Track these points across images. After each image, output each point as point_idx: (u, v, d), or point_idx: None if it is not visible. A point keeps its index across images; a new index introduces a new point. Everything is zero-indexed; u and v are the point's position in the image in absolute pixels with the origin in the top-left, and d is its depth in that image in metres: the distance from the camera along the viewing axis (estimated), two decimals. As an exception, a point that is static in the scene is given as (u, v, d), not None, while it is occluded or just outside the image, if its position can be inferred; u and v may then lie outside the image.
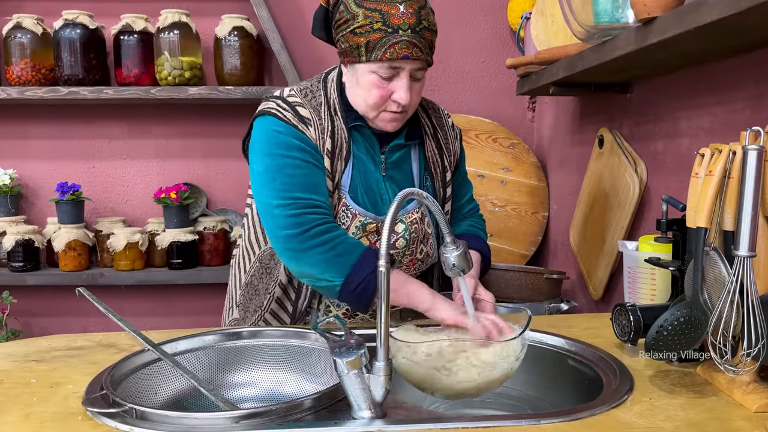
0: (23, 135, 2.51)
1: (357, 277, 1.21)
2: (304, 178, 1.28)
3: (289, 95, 1.34)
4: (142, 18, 2.32)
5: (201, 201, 2.56)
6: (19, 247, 2.34)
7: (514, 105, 2.61)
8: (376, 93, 1.26)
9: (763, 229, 0.95)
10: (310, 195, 1.27)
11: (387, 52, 1.21)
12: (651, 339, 0.99)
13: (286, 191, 1.27)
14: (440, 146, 1.46)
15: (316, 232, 1.24)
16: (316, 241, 1.23)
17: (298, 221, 1.25)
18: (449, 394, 1.05)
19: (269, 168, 1.29)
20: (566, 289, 2.18)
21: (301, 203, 1.26)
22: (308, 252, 1.24)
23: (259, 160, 1.32)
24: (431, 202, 1.03)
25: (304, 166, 1.28)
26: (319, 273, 1.25)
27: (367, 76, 1.26)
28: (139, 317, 2.50)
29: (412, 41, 1.22)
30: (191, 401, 1.14)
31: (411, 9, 1.22)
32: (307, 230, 1.24)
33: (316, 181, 1.29)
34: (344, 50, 1.27)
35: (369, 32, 1.21)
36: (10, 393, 1.01)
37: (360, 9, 1.22)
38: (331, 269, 1.23)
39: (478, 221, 1.58)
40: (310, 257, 1.24)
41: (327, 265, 1.23)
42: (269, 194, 1.28)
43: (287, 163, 1.28)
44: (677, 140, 1.54)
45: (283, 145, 1.29)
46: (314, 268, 1.25)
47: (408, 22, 1.21)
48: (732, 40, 1.16)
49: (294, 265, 1.28)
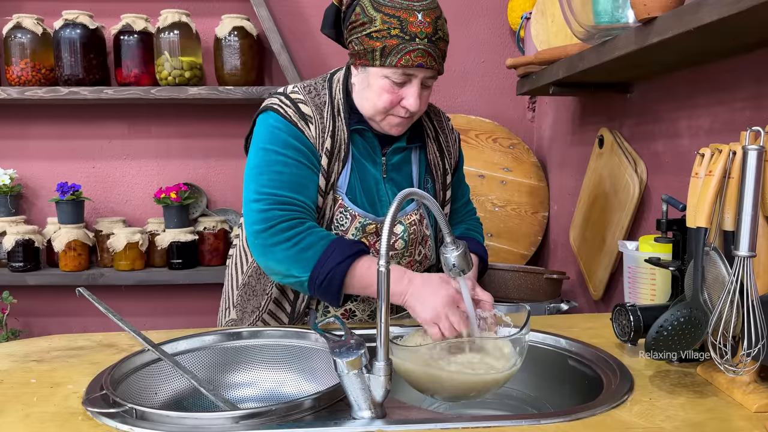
0: (23, 135, 2.51)
1: (321, 271, 1.21)
2: (290, 177, 1.28)
3: (292, 92, 1.35)
4: (142, 18, 2.32)
5: (201, 201, 2.56)
6: (19, 247, 2.34)
7: (514, 105, 2.61)
8: (387, 98, 1.26)
9: (763, 229, 0.95)
10: (289, 193, 1.26)
11: (402, 59, 1.22)
12: (651, 339, 0.99)
13: (266, 187, 1.27)
14: (441, 149, 1.46)
15: (281, 228, 1.24)
16: (280, 237, 1.23)
17: (265, 216, 1.25)
18: (450, 395, 1.05)
19: (260, 162, 1.30)
20: (566, 289, 2.18)
21: (274, 199, 1.25)
22: (273, 248, 1.24)
23: (254, 155, 1.32)
24: (431, 202, 1.03)
25: (294, 165, 1.28)
26: (285, 269, 1.25)
27: (379, 80, 1.26)
28: (139, 317, 2.50)
29: (428, 50, 1.22)
30: (191, 401, 1.14)
31: (429, 18, 1.22)
32: (272, 226, 1.24)
33: (303, 182, 1.29)
34: (357, 52, 1.27)
35: (386, 37, 1.21)
36: (10, 393, 1.01)
37: (378, 13, 1.22)
38: (296, 265, 1.23)
39: (474, 224, 1.58)
40: (275, 254, 1.24)
41: (291, 261, 1.23)
42: (251, 188, 1.29)
43: (278, 160, 1.28)
44: (677, 140, 1.54)
45: (279, 142, 1.29)
46: (280, 265, 1.25)
47: (425, 31, 1.22)
48: (732, 40, 1.16)
49: (262, 262, 1.28)
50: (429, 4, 1.24)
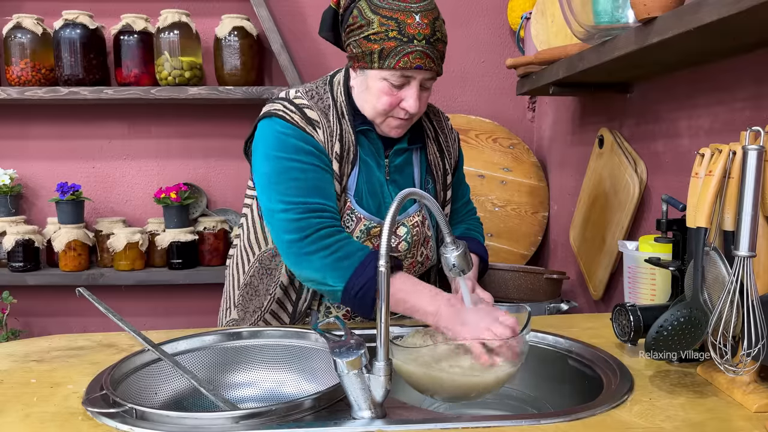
0: (23, 135, 2.51)
1: (358, 282, 1.20)
2: (310, 182, 1.27)
3: (295, 97, 1.33)
4: (142, 18, 2.32)
5: (201, 201, 2.56)
6: (19, 247, 2.34)
7: (514, 105, 2.61)
8: (386, 100, 1.26)
9: (763, 229, 0.95)
10: (315, 199, 1.26)
11: (401, 61, 1.21)
12: (651, 339, 0.99)
13: (290, 195, 1.25)
14: (441, 149, 1.46)
15: (318, 236, 1.23)
16: (317, 246, 1.22)
17: (299, 226, 1.24)
18: (451, 396, 1.05)
19: (274, 171, 1.28)
20: (566, 289, 2.18)
21: (303, 207, 1.25)
22: (309, 257, 1.23)
23: (264, 163, 1.30)
24: (431, 202, 1.03)
25: (311, 169, 1.27)
26: (321, 278, 1.24)
27: (378, 82, 1.25)
28: (139, 317, 2.50)
29: (426, 52, 1.22)
30: (191, 401, 1.14)
31: (426, 20, 1.22)
32: (308, 235, 1.23)
33: (323, 185, 1.28)
34: (355, 55, 1.26)
35: (384, 40, 1.21)
36: (10, 393, 1.01)
37: (375, 16, 1.21)
38: (332, 274, 1.22)
39: (475, 224, 1.58)
40: (312, 262, 1.23)
41: (328, 270, 1.22)
42: (273, 198, 1.27)
43: (293, 167, 1.27)
44: (677, 140, 1.54)
45: (290, 148, 1.28)
46: (316, 273, 1.24)
47: (423, 32, 1.21)
48: (732, 40, 1.16)
49: (297, 270, 1.27)
50: (426, 5, 1.23)
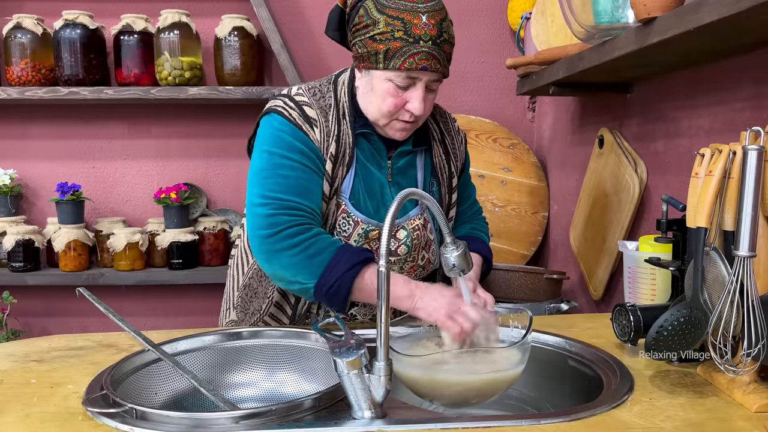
0: (23, 135, 2.51)
1: (329, 278, 1.20)
2: (296, 181, 1.26)
3: (296, 94, 1.32)
4: (142, 18, 2.32)
5: (201, 201, 2.56)
6: (19, 247, 2.34)
7: (514, 105, 2.61)
8: (391, 101, 1.24)
9: (763, 229, 0.95)
10: (294, 197, 1.25)
11: (406, 62, 1.20)
12: (651, 339, 0.99)
13: (271, 191, 1.25)
14: (447, 152, 1.44)
15: (286, 234, 1.22)
16: (287, 243, 1.21)
17: (270, 222, 1.23)
18: (451, 401, 1.05)
19: (265, 166, 1.28)
20: (566, 289, 2.18)
21: (278, 204, 1.24)
22: (279, 254, 1.22)
23: (258, 157, 1.30)
24: (431, 202, 1.03)
25: (300, 169, 1.27)
26: (291, 276, 1.23)
27: (383, 83, 1.24)
28: (139, 317, 2.50)
29: (432, 53, 1.20)
30: (191, 401, 1.14)
31: (433, 20, 1.20)
32: (278, 231, 1.22)
33: (308, 186, 1.27)
34: (361, 55, 1.25)
35: (389, 40, 1.19)
36: (10, 393, 1.01)
37: (382, 15, 1.20)
38: (302, 272, 1.21)
39: (480, 224, 1.57)
40: (281, 259, 1.22)
41: (298, 267, 1.21)
42: (255, 191, 1.27)
43: (284, 164, 1.26)
44: (677, 140, 1.54)
45: (284, 146, 1.27)
46: (285, 270, 1.23)
47: (430, 33, 1.19)
48: (732, 40, 1.16)
49: (266, 266, 1.26)
50: (434, 5, 1.22)
